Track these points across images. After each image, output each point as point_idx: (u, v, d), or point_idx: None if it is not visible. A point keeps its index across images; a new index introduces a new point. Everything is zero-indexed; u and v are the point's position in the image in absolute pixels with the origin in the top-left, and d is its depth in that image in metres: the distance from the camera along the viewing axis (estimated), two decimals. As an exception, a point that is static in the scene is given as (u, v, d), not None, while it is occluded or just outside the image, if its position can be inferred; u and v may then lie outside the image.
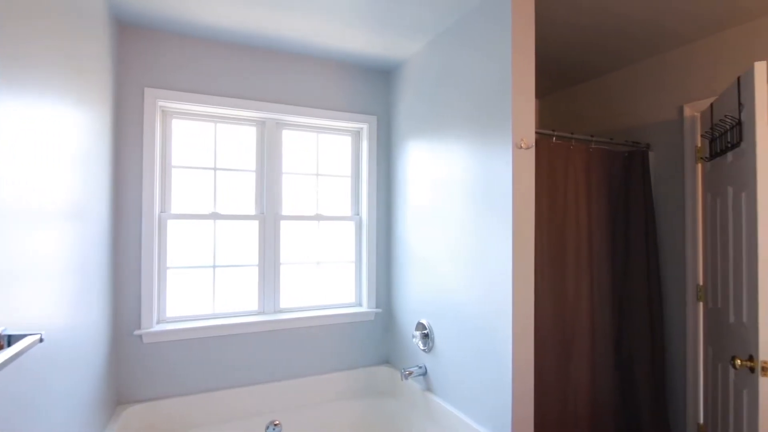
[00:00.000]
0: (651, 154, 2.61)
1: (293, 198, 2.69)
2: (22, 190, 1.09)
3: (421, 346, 2.39)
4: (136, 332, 2.17)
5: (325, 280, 2.78)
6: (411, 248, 2.57)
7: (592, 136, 2.42)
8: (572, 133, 2.35)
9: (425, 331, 2.37)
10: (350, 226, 2.86)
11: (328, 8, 2.04)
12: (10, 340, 0.94)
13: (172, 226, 2.37)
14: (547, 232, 2.24)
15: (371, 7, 2.02)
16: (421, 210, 2.46)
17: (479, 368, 1.96)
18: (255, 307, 2.55)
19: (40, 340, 0.92)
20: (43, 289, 1.23)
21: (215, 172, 2.49)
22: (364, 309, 2.77)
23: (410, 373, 2.37)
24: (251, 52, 2.48)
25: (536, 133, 2.19)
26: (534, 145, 1.79)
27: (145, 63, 2.25)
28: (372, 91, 2.83)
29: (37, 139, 1.18)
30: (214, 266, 2.47)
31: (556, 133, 2.28)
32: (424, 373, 2.39)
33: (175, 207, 2.39)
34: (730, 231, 1.91)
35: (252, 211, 2.57)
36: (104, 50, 1.89)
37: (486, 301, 1.92)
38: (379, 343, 2.83)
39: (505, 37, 1.79)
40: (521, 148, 1.75)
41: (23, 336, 0.92)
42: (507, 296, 1.79)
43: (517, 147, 1.75)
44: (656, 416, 2.37)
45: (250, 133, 2.58)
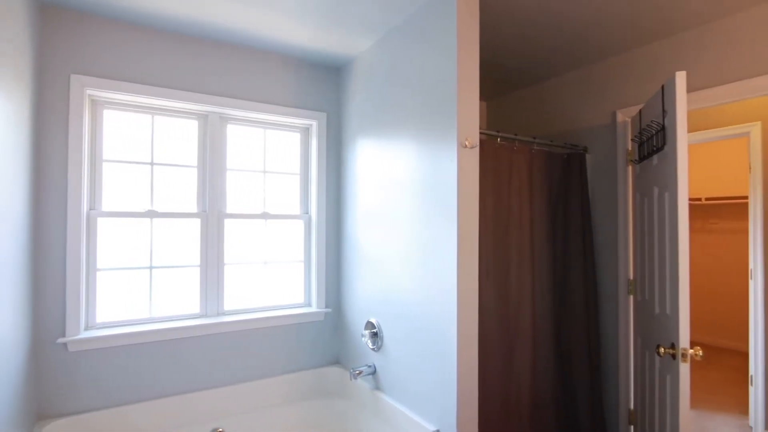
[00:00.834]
0: (588, 157, 2.76)
1: (239, 196, 2.59)
2: None
3: (371, 345, 2.38)
4: (60, 340, 2.00)
5: (273, 281, 2.70)
6: (361, 247, 2.55)
7: (535, 138, 2.52)
8: (516, 135, 2.44)
9: (374, 330, 2.37)
10: (299, 225, 2.80)
11: (272, 0, 1.98)
12: None
13: (104, 225, 2.21)
14: (493, 230, 2.30)
15: (317, 1, 1.98)
16: (371, 208, 2.45)
17: (426, 367, 1.97)
18: (197, 310, 2.43)
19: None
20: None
21: (152, 167, 2.34)
22: (314, 309, 2.72)
23: (360, 373, 2.36)
24: (194, 42, 2.36)
25: (481, 134, 2.25)
26: (478, 144, 1.83)
27: (72, 48, 2.07)
28: (322, 88, 2.79)
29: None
30: (151, 267, 2.32)
31: (500, 134, 2.35)
32: (374, 372, 2.38)
33: (107, 204, 2.22)
34: (656, 229, 2.05)
35: (194, 209, 2.44)
36: (22, 32, 1.72)
37: (432, 299, 1.94)
38: (329, 343, 2.79)
39: (450, 38, 1.82)
40: (466, 147, 1.78)
41: None
42: (452, 296, 1.81)
43: (462, 146, 1.78)
44: (592, 403, 2.51)
45: (192, 127, 2.45)
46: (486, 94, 3.47)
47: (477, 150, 1.83)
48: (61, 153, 2.04)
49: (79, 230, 2.06)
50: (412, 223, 2.08)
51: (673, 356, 1.76)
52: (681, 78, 1.76)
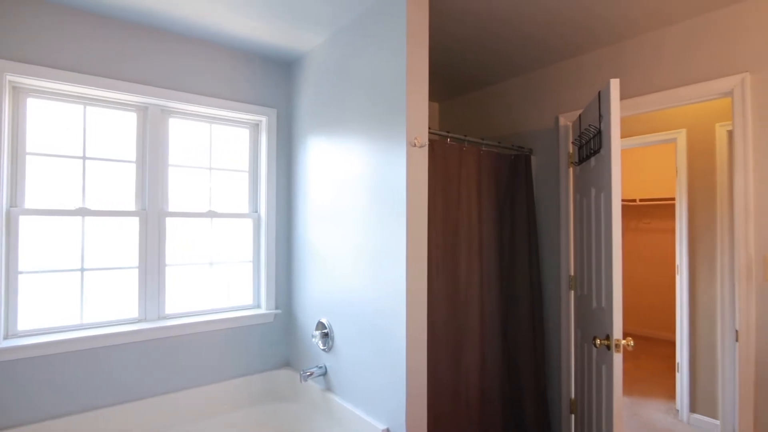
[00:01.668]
0: (533, 158, 2.88)
1: (182, 193, 2.47)
2: None
3: (321, 346, 2.35)
4: (-26, 351, 1.81)
5: (220, 282, 2.60)
6: (313, 246, 2.51)
7: (483, 140, 2.59)
8: (465, 136, 2.49)
9: (325, 330, 2.34)
10: (248, 224, 2.71)
11: (219, -11, 1.90)
12: None
13: (28, 224, 2.02)
14: (443, 229, 2.34)
15: (267, -7, 1.93)
16: (322, 207, 2.41)
17: (377, 366, 1.97)
18: (135, 314, 2.29)
19: None
20: None
21: (84, 162, 2.18)
22: (263, 311, 2.64)
23: (311, 374, 2.32)
24: (131, 28, 2.21)
25: (431, 134, 2.28)
26: (427, 143, 1.85)
27: (-11, 29, 1.89)
28: (272, 83, 2.71)
29: None
30: (83, 270, 2.16)
31: (450, 135, 2.40)
32: (325, 373, 2.35)
33: (31, 201, 2.04)
34: (593, 227, 2.17)
35: (132, 207, 2.30)
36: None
37: (383, 298, 1.94)
38: (279, 345, 2.72)
39: (400, 37, 1.83)
40: (415, 146, 1.80)
41: None
42: (401, 295, 1.82)
43: (411, 145, 1.79)
44: (536, 394, 2.62)
45: (131, 120, 2.30)
46: (438, 96, 3.53)
47: (426, 149, 1.85)
48: (-24, 144, 1.85)
49: (-3, 230, 1.87)
50: (363, 222, 2.07)
51: (608, 347, 1.87)
52: (615, 85, 1.87)
